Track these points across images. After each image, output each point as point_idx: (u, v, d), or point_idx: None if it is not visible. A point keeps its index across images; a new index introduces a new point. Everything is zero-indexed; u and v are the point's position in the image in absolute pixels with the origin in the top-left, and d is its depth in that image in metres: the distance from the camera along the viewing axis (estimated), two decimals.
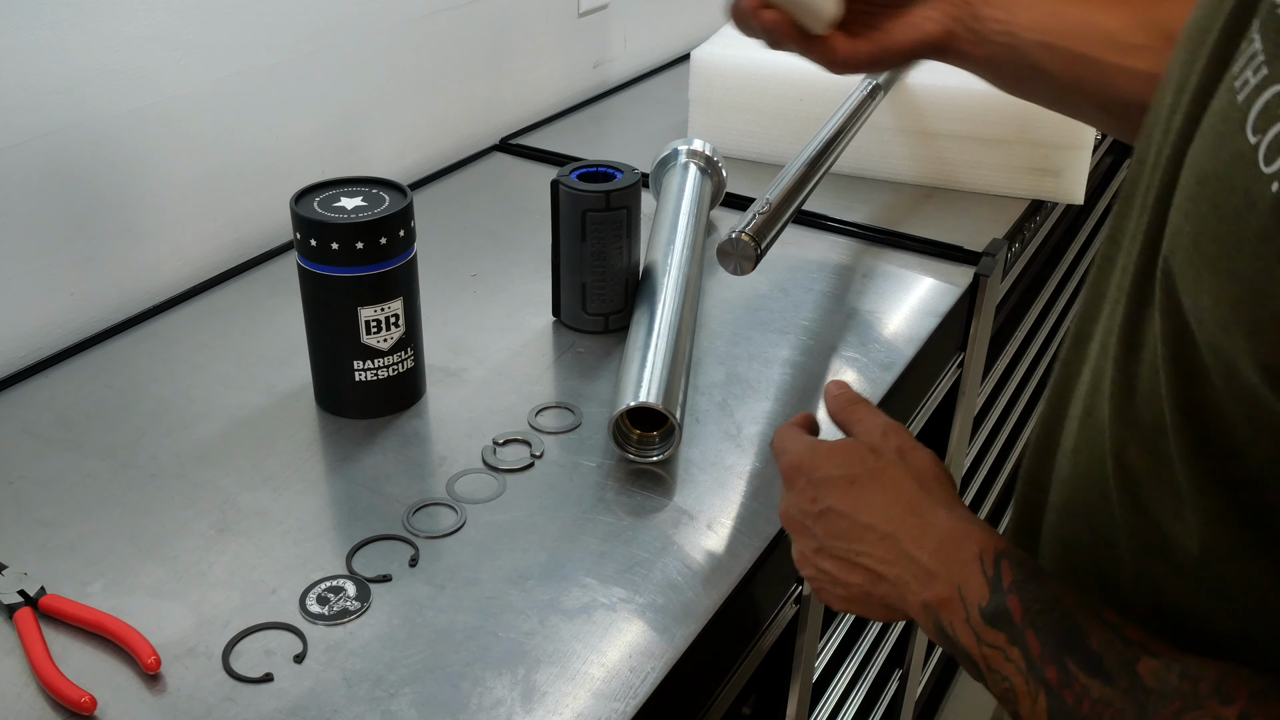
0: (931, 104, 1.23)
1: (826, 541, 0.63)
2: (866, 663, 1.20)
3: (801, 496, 0.65)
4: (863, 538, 0.61)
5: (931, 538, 0.59)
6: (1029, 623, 0.52)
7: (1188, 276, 0.43)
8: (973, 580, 0.55)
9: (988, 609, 0.54)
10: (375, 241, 0.80)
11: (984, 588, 0.55)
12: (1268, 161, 0.37)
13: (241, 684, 0.64)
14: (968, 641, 0.55)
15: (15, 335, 0.94)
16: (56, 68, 0.90)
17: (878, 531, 0.61)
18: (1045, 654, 0.51)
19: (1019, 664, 0.52)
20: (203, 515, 0.76)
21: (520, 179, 1.29)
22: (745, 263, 0.87)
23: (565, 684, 0.64)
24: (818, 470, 0.65)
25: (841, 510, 0.63)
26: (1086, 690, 0.48)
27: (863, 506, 0.62)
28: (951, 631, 0.56)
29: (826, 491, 0.64)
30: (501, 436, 0.84)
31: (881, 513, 0.61)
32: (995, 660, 0.53)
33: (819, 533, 0.64)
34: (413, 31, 1.23)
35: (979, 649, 0.54)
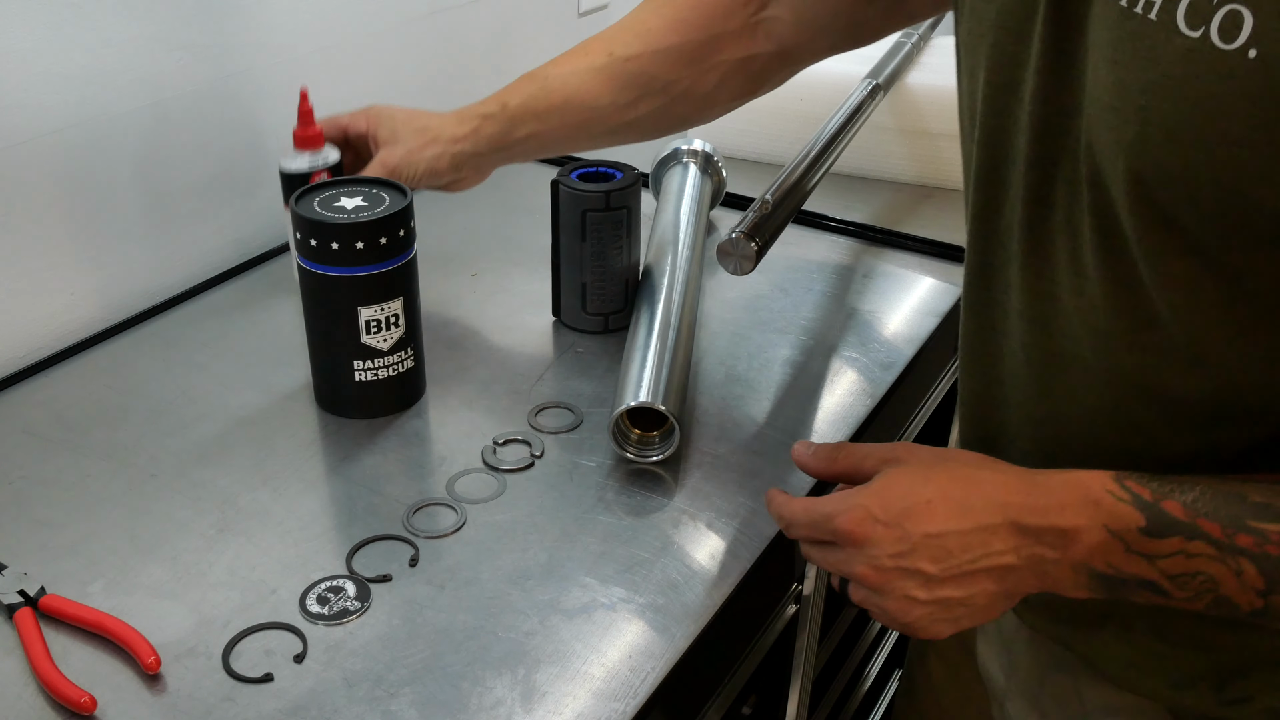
0: (931, 104, 1.23)
1: (935, 570, 0.59)
2: (866, 663, 1.20)
3: (883, 544, 0.60)
4: (976, 542, 0.59)
5: (1042, 503, 0.58)
6: (1195, 514, 0.54)
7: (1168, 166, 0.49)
8: (1115, 513, 0.56)
9: (1148, 526, 0.55)
10: (375, 241, 0.80)
11: (1131, 512, 0.55)
12: (1226, 40, 0.46)
13: (241, 684, 0.64)
14: (1138, 569, 0.55)
15: (15, 335, 0.94)
16: (56, 68, 0.90)
17: (988, 527, 0.58)
18: (1228, 529, 0.53)
19: (1209, 552, 0.54)
20: (203, 515, 0.76)
21: (520, 179, 1.29)
22: (745, 263, 0.87)
23: (565, 684, 0.64)
24: (887, 510, 0.60)
25: (937, 531, 0.59)
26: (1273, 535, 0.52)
27: (956, 516, 0.59)
28: (1115, 572, 0.56)
29: (911, 524, 0.59)
30: (501, 436, 0.84)
31: (980, 509, 0.59)
32: (1178, 565, 0.54)
33: (923, 567, 0.59)
34: (413, 31, 1.23)
35: (1154, 568, 0.55)
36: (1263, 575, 0.53)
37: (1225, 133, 0.48)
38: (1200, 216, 0.51)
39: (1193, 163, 0.49)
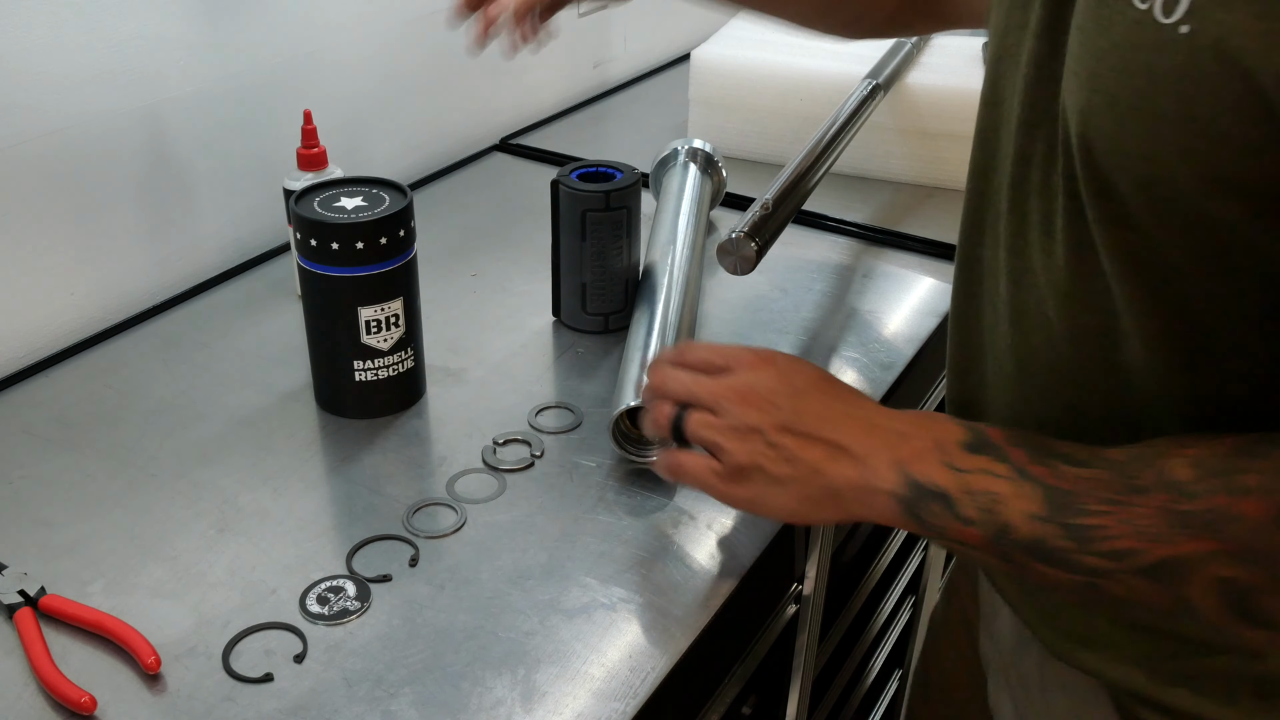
0: (931, 104, 1.23)
1: (794, 419, 0.66)
2: (866, 663, 1.20)
3: (779, 376, 0.68)
4: (831, 417, 0.66)
5: (903, 415, 0.65)
6: (1010, 442, 0.60)
7: (1108, 134, 0.51)
8: (950, 430, 0.62)
9: (969, 442, 0.61)
10: (375, 241, 0.80)
11: (959, 429, 0.62)
12: (1166, 14, 0.47)
13: (241, 684, 0.64)
14: (944, 480, 0.60)
15: (15, 335, 0.94)
16: (56, 68, 0.90)
17: (852, 412, 0.66)
18: (1030, 458, 0.58)
19: (1007, 474, 0.58)
20: (203, 515, 0.76)
21: (520, 179, 1.29)
22: (745, 263, 0.87)
23: (565, 684, 0.64)
24: (792, 364, 0.70)
25: (821, 393, 0.67)
26: (1071, 475, 0.56)
27: (835, 395, 0.68)
28: (925, 478, 0.61)
29: (804, 378, 0.68)
30: (501, 436, 0.84)
31: (845, 399, 0.67)
32: (978, 482, 0.59)
33: (787, 408, 0.66)
34: (413, 31, 1.23)
35: (957, 480, 0.60)
36: (1047, 502, 0.56)
37: (1155, 106, 0.49)
38: (1133, 188, 0.52)
39: (1126, 133, 0.50)
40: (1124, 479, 0.55)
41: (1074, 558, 0.56)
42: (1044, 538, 0.57)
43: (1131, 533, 0.54)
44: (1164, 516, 0.53)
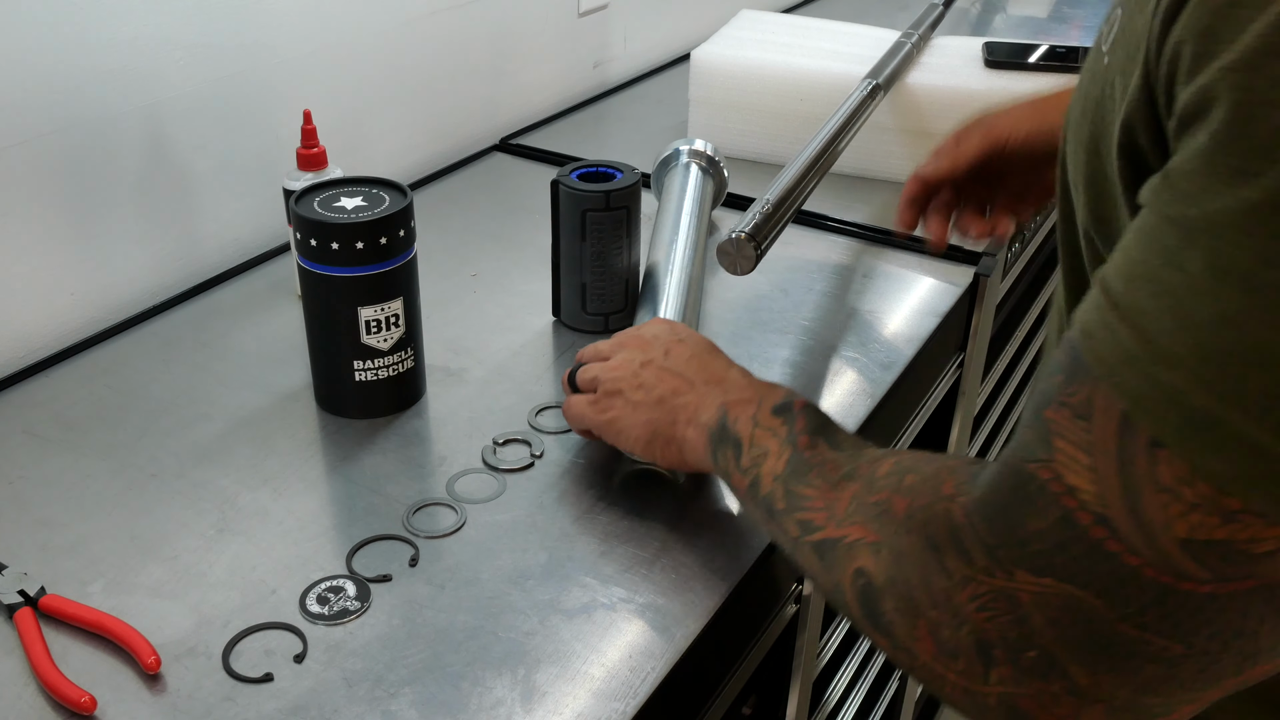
0: (931, 104, 1.23)
1: (661, 358, 0.76)
2: (866, 663, 1.20)
3: (668, 329, 0.79)
4: (698, 362, 0.75)
5: (755, 380, 0.73)
6: (802, 412, 0.66)
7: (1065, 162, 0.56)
8: (775, 395, 0.69)
9: (778, 404, 0.67)
10: (375, 241, 0.80)
11: (782, 396, 0.68)
12: (1105, 44, 0.51)
13: (241, 684, 0.64)
14: (743, 428, 0.67)
15: (15, 335, 0.94)
16: (56, 68, 0.90)
17: (715, 365, 0.75)
18: (804, 430, 0.64)
19: (781, 436, 0.65)
20: (203, 515, 0.76)
21: (520, 179, 1.29)
22: (745, 263, 0.87)
23: (565, 684, 0.64)
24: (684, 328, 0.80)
25: (699, 347, 0.77)
26: (821, 452, 0.62)
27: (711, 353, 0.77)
28: (732, 423, 0.68)
29: (691, 335, 0.78)
30: (501, 436, 0.84)
31: (726, 362, 0.76)
32: (761, 437, 0.66)
33: (659, 350, 0.77)
34: (413, 31, 1.23)
35: (751, 430, 0.67)
36: (788, 467, 0.62)
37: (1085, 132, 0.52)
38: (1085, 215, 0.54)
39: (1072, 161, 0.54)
40: (850, 466, 0.59)
41: (781, 519, 0.61)
42: (773, 496, 0.63)
43: (823, 508, 0.58)
44: (851, 503, 0.57)
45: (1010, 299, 1.43)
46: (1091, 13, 1.89)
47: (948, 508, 0.49)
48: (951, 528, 0.49)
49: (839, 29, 1.40)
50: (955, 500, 0.49)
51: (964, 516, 0.48)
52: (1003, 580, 0.46)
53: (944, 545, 0.49)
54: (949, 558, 0.49)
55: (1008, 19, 1.86)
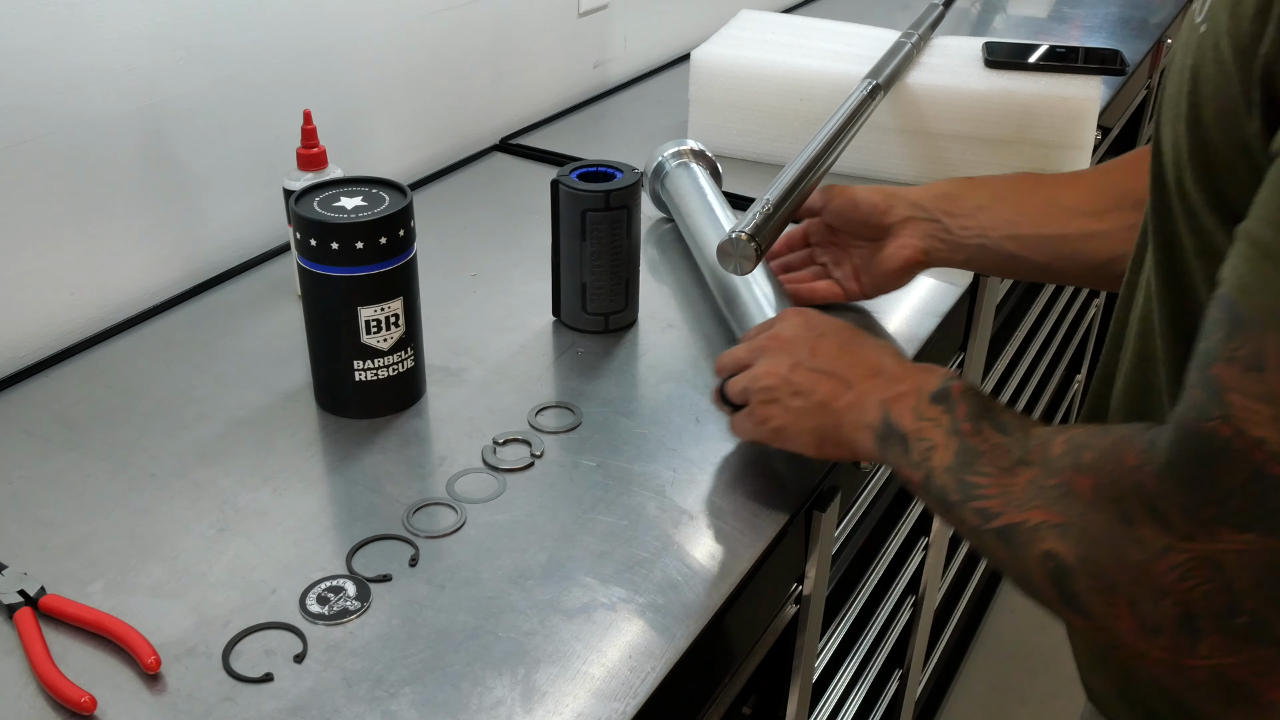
0: (931, 104, 1.23)
1: (810, 358, 0.76)
2: (866, 663, 1.20)
3: (804, 323, 0.79)
4: (848, 357, 0.75)
5: (908, 364, 0.74)
6: (962, 398, 0.65)
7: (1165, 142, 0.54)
8: (931, 380, 0.68)
9: (936, 392, 0.67)
10: (375, 241, 0.80)
11: (938, 382, 0.68)
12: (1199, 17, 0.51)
13: (241, 684, 0.64)
14: (907, 423, 0.67)
15: (15, 335, 0.94)
16: (56, 68, 0.90)
17: (864, 355, 0.75)
18: (967, 417, 0.63)
19: (945, 426, 0.64)
20: (203, 515, 0.76)
21: (520, 179, 1.29)
22: (745, 262, 0.87)
23: (565, 684, 0.64)
24: (821, 315, 0.81)
25: (841, 337, 0.77)
26: (988, 437, 0.61)
27: (854, 342, 0.77)
28: (896, 419, 0.68)
29: (828, 325, 0.79)
30: (501, 436, 0.84)
31: (870, 348, 0.76)
32: (926, 430, 0.65)
33: (805, 349, 0.77)
34: (413, 31, 1.23)
35: (915, 424, 0.66)
36: (957, 457, 0.62)
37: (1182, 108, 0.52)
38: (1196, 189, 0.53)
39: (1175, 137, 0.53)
40: (1021, 450, 0.58)
41: (958, 510, 0.60)
42: (946, 489, 0.62)
43: (999, 494, 0.58)
44: (1028, 487, 0.56)
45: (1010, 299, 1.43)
46: (1091, 13, 1.89)
47: (1137, 479, 0.49)
48: (1145, 498, 0.48)
49: (839, 29, 1.40)
50: (1142, 470, 0.49)
51: (1156, 484, 0.48)
52: (1204, 544, 0.46)
53: (1138, 517, 0.48)
54: (1144, 529, 0.48)
55: (1008, 19, 1.86)
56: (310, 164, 0.96)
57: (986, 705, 1.85)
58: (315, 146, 0.96)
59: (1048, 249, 0.88)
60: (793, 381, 0.75)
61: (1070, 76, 1.25)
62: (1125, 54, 1.37)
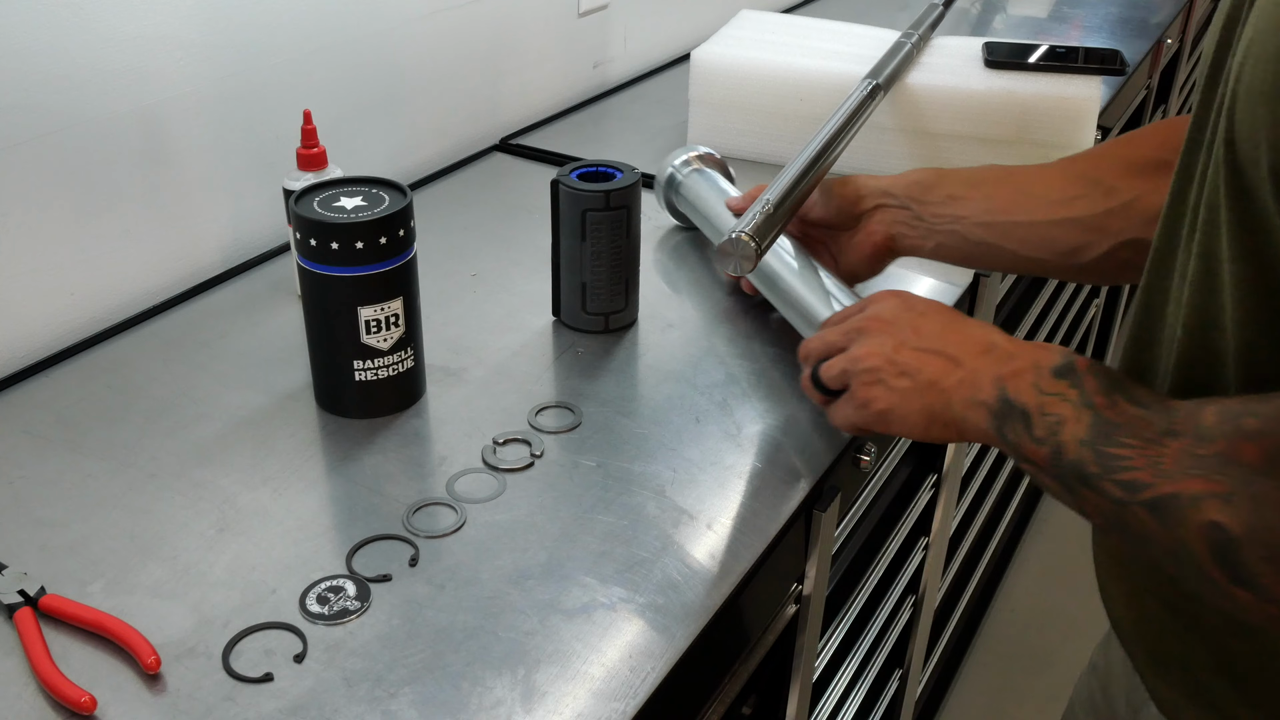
0: (931, 104, 1.23)
1: (913, 336, 0.74)
2: (866, 663, 1.20)
3: (902, 303, 0.77)
4: (954, 335, 0.73)
5: (1019, 341, 0.70)
6: (1089, 372, 0.63)
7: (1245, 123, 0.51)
8: (1050, 355, 0.66)
9: (1058, 366, 0.64)
10: (375, 241, 0.80)
11: (1059, 357, 0.65)
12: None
13: (241, 684, 0.64)
14: (1028, 399, 0.64)
15: (15, 335, 0.94)
16: (56, 68, 0.90)
17: (971, 333, 0.73)
18: (1099, 390, 0.61)
19: (1073, 399, 0.62)
20: (203, 515, 0.76)
21: (520, 179, 1.29)
22: (745, 263, 0.87)
23: (565, 684, 0.64)
24: (916, 296, 0.78)
25: (943, 316, 0.75)
26: (1124, 409, 0.59)
27: (958, 320, 0.75)
28: (1015, 395, 0.65)
29: (928, 305, 0.77)
30: (501, 436, 0.84)
31: (975, 325, 0.74)
32: (1052, 404, 0.63)
33: (907, 327, 0.75)
34: (413, 31, 1.23)
35: (1037, 399, 0.64)
36: (1093, 429, 0.60)
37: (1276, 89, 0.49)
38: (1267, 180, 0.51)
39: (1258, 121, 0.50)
40: (1166, 422, 0.56)
41: (1099, 483, 0.58)
42: (1082, 461, 0.59)
43: (1148, 466, 0.55)
44: (1181, 457, 0.54)
45: (1010, 299, 1.44)
46: (1091, 13, 1.89)
47: None
48: None
49: (839, 29, 1.40)
50: None
51: None
52: None
53: None
54: None
55: (1008, 19, 1.86)
56: (310, 164, 0.96)
57: (986, 705, 1.85)
58: (315, 146, 0.96)
59: (1019, 236, 0.89)
60: (898, 361, 0.73)
61: (1070, 76, 1.25)
62: (1125, 54, 1.37)
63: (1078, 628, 1.96)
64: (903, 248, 0.94)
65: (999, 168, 0.93)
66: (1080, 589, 1.01)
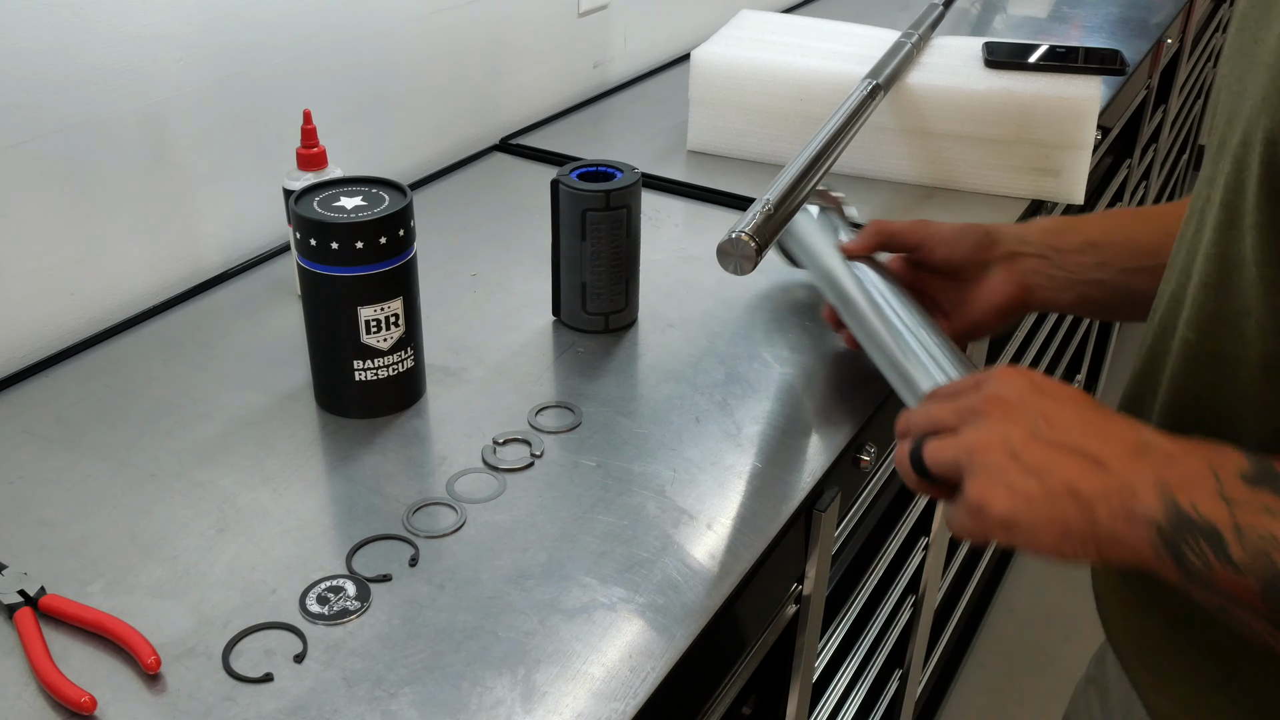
0: (931, 104, 1.23)
1: (1044, 425, 0.59)
2: (866, 663, 1.20)
3: (1030, 384, 0.62)
4: (1087, 426, 0.59)
5: (1176, 438, 0.57)
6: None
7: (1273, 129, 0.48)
8: (1230, 457, 0.54)
9: (1250, 473, 0.53)
10: (375, 241, 0.80)
11: (1243, 459, 0.54)
12: None
13: (241, 684, 0.64)
14: (1214, 511, 0.53)
15: (15, 335, 0.94)
16: (56, 68, 0.90)
17: (1116, 428, 0.59)
18: None
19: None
20: (203, 515, 0.76)
21: (520, 179, 1.29)
22: (745, 263, 0.87)
23: (565, 684, 0.64)
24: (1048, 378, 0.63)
25: (1079, 404, 0.60)
26: None
27: (1097, 410, 0.61)
28: (1194, 507, 0.53)
29: (1060, 389, 0.62)
30: (501, 436, 0.84)
31: (1120, 418, 0.60)
32: (1255, 518, 0.52)
33: (1036, 413, 0.60)
34: (412, 31, 1.23)
35: (1231, 514, 0.52)
36: None
37: None
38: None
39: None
40: None
41: None
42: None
43: None
44: None
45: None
46: (1091, 13, 1.89)
47: None
48: None
49: (839, 29, 1.40)
50: None
51: None
52: None
53: None
54: None
55: (1008, 19, 1.86)
56: (310, 164, 0.96)
57: (986, 705, 1.85)
58: (315, 146, 0.96)
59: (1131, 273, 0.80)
60: (1024, 458, 0.58)
61: (1070, 76, 1.25)
62: (1125, 54, 1.37)
63: (1078, 628, 1.96)
64: (1037, 301, 0.85)
65: (1128, 211, 0.86)
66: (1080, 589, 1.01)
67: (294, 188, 0.94)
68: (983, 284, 0.85)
